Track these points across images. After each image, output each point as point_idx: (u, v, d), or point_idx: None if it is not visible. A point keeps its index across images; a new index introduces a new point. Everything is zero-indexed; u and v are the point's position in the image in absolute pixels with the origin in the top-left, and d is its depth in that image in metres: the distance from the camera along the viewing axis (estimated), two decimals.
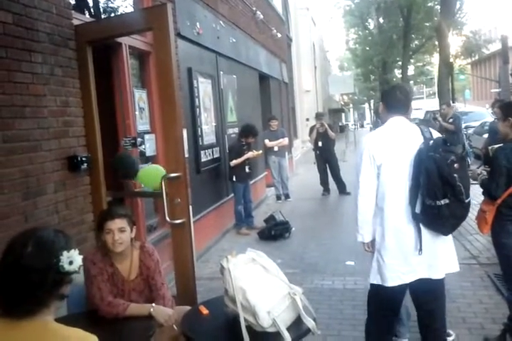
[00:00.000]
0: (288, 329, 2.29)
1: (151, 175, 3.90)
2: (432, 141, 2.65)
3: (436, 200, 2.53)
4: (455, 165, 2.56)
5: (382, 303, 2.86)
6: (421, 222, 2.62)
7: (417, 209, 2.60)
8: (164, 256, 3.76)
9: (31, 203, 3.02)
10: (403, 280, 2.69)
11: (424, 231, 2.64)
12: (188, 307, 2.82)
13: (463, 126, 8.89)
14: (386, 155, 2.69)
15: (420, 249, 2.62)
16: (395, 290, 2.74)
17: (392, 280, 2.70)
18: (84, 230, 3.56)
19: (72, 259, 1.45)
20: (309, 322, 2.36)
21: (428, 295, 2.83)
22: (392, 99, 2.88)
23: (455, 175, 2.52)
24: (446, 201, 2.52)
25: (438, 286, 2.79)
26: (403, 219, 2.66)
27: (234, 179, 7.13)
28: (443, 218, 2.56)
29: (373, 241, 2.81)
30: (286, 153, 10.25)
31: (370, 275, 2.84)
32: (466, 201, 2.57)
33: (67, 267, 1.43)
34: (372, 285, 2.87)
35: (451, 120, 8.72)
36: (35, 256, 1.41)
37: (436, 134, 2.82)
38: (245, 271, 2.44)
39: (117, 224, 2.68)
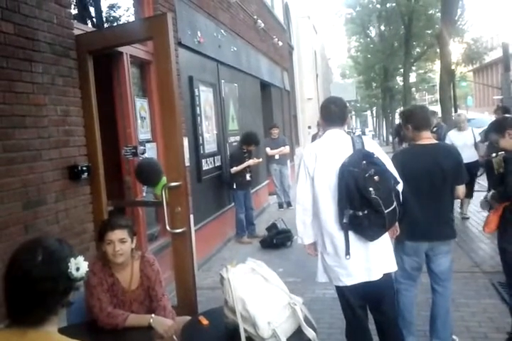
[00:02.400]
0: (288, 339, 2.28)
1: None
2: (355, 155, 2.74)
3: (355, 211, 2.65)
4: (375, 177, 2.65)
5: (343, 303, 2.96)
6: (350, 230, 2.73)
7: (345, 219, 2.71)
8: (165, 266, 3.74)
9: (31, 213, 3.02)
10: (343, 282, 2.81)
11: (355, 237, 2.74)
12: (188, 318, 2.80)
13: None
14: (318, 168, 2.81)
15: (348, 254, 2.73)
16: (344, 289, 2.86)
17: (335, 281, 2.85)
18: (86, 240, 3.55)
19: (79, 266, 1.48)
20: (310, 332, 2.34)
21: (374, 296, 2.92)
22: (328, 113, 2.98)
23: (370, 188, 2.60)
24: (365, 212, 2.64)
25: (381, 286, 2.87)
26: (335, 227, 2.77)
27: (234, 186, 7.13)
28: (364, 227, 2.68)
29: (315, 245, 2.97)
30: (288, 161, 10.25)
31: (318, 275, 2.97)
32: (386, 211, 2.65)
33: (75, 273, 1.46)
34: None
35: (434, 129, 8.70)
36: (47, 265, 1.42)
37: (369, 144, 2.88)
38: (245, 281, 2.43)
39: (118, 235, 2.67)
